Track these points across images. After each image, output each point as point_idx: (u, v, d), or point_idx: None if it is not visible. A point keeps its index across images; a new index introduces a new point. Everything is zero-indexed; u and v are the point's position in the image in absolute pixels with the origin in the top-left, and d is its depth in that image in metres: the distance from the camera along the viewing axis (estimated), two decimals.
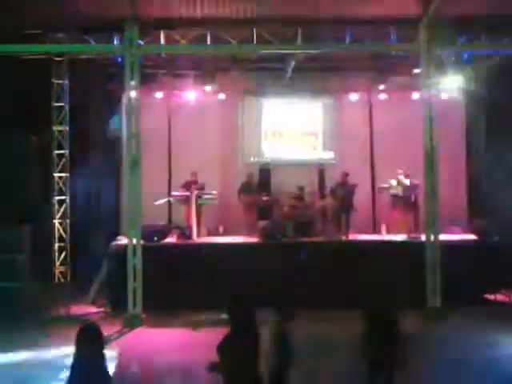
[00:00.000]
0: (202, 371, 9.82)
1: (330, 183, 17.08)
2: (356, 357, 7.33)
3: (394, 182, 16.27)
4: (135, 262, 13.39)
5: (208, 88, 16.86)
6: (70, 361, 5.43)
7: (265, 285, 13.40)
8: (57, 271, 15.76)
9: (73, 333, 5.50)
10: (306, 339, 8.82)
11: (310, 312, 11.98)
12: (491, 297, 14.65)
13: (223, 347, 5.84)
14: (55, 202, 15.91)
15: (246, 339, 5.78)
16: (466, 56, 15.56)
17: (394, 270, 13.97)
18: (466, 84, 15.82)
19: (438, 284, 13.57)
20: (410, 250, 14.57)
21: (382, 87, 17.38)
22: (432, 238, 13.82)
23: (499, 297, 14.73)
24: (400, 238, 15.65)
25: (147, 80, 15.73)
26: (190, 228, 15.46)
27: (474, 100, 17.42)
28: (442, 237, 14.22)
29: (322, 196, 17.02)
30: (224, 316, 5.90)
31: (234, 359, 5.73)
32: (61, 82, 16.05)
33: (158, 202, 15.67)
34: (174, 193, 16.20)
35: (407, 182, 16.03)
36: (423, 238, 14.30)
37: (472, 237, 15.68)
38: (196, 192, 15.62)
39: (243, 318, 5.86)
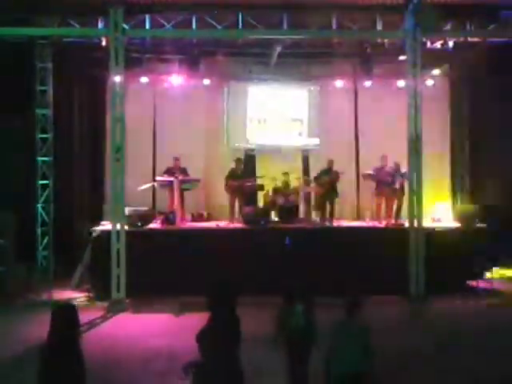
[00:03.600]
0: (186, 356, 9.96)
1: (314, 169, 17.12)
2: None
3: None
4: (119, 247, 13.38)
5: (193, 73, 16.77)
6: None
7: (248, 271, 13.46)
8: (40, 256, 15.68)
9: None
10: None
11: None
12: (474, 283, 14.75)
13: (203, 335, 5.82)
14: (39, 187, 15.80)
15: (225, 327, 5.77)
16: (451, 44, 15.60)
17: (378, 256, 14.06)
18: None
19: (421, 270, 13.67)
20: (394, 237, 14.62)
21: (367, 74, 17.35)
22: (415, 224, 13.90)
23: (482, 283, 14.83)
24: (384, 224, 15.73)
25: (132, 64, 15.63)
26: (174, 213, 15.44)
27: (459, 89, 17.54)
28: (426, 223, 14.30)
29: (307, 182, 17.02)
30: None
31: (214, 348, 5.72)
32: (44, 65, 15.88)
33: (141, 188, 15.64)
34: (157, 178, 16.15)
35: None
36: (407, 224, 14.38)
37: (455, 224, 15.78)
38: (180, 177, 15.59)
39: (223, 305, 5.84)
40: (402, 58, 15.17)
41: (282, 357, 7.62)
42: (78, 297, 14.17)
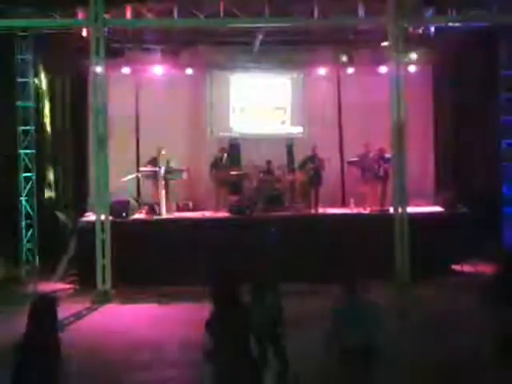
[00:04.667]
0: (171, 345, 9.99)
1: (298, 157, 17.11)
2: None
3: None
4: (104, 238, 13.34)
5: (175, 63, 16.70)
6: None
7: (234, 260, 13.44)
8: (25, 248, 15.59)
9: None
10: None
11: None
12: (458, 268, 14.84)
13: (212, 325, 5.83)
14: (22, 180, 15.69)
15: (235, 315, 5.78)
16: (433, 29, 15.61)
17: (363, 242, 14.11)
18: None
19: (406, 256, 13.72)
20: (379, 223, 14.68)
21: (350, 61, 17.30)
22: (400, 210, 13.94)
23: (466, 268, 14.91)
24: (368, 210, 15.77)
25: (113, 55, 15.52)
26: (159, 203, 15.41)
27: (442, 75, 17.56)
28: (410, 209, 14.35)
29: (291, 170, 17.02)
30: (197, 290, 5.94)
31: (226, 336, 5.73)
32: (25, 57, 15.73)
33: (126, 178, 15.57)
34: (141, 168, 16.10)
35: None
36: (391, 210, 14.41)
37: (439, 209, 15.85)
38: (164, 167, 15.54)
39: (230, 294, 5.86)
40: (384, 44, 15.16)
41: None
42: (64, 288, 14.14)
